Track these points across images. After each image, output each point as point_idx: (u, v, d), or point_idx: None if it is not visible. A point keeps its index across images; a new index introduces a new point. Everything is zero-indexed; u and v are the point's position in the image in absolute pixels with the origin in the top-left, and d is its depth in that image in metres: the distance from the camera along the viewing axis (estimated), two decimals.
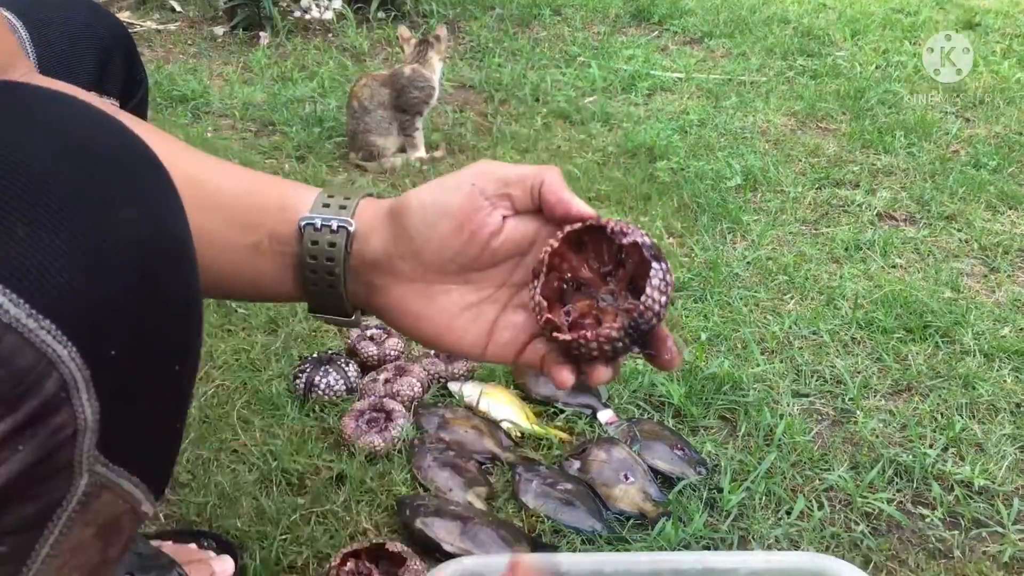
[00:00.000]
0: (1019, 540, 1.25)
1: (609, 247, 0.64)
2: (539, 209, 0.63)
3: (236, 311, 1.69)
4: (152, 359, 0.50)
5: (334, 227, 0.63)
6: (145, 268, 0.47)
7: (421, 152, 2.43)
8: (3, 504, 0.45)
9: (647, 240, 0.62)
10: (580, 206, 0.62)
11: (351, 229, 0.63)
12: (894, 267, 1.97)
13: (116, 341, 0.46)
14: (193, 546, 1.13)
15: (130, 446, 0.50)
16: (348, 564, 1.11)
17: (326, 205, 0.64)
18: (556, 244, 0.62)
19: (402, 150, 2.43)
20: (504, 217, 0.63)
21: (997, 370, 1.60)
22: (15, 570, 0.47)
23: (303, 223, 0.63)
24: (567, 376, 0.62)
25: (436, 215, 0.62)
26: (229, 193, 0.64)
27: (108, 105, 0.66)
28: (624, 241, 0.62)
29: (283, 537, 1.19)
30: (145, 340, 0.48)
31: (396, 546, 1.14)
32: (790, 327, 1.72)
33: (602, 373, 0.61)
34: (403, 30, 2.52)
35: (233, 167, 0.67)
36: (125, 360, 0.47)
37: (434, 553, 1.19)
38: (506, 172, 0.62)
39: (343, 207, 0.63)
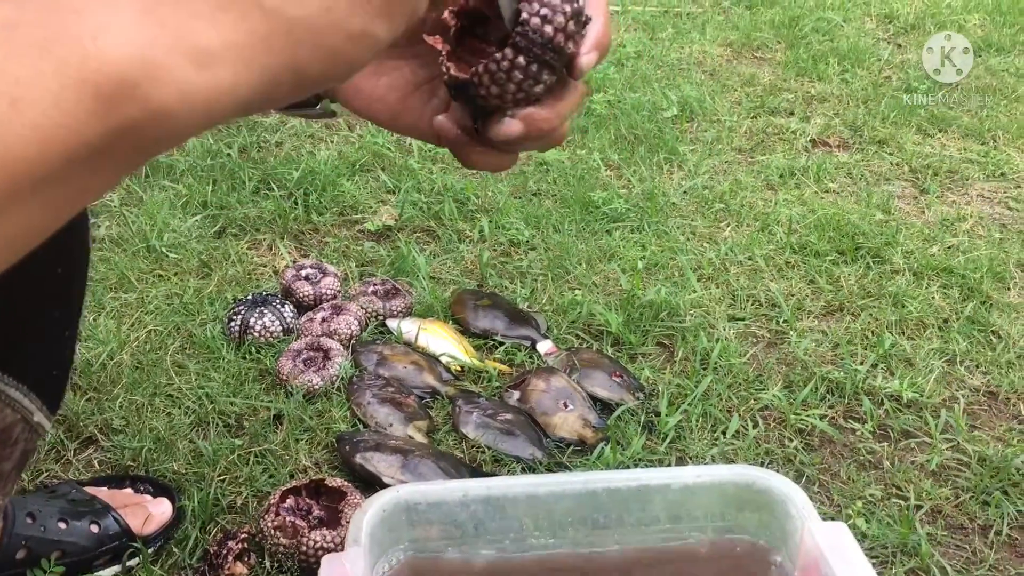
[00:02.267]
0: (946, 449, 1.29)
1: None
2: None
3: (167, 256, 1.65)
4: (29, 259, 0.48)
5: None
6: None
7: None
8: None
9: None
10: None
11: None
12: (827, 192, 1.99)
13: None
14: (129, 490, 1.12)
15: (13, 351, 0.48)
16: (288, 501, 1.11)
17: None
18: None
19: None
20: None
21: (926, 287, 1.63)
22: None
23: None
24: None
25: None
26: None
27: None
28: None
29: (221, 478, 1.18)
30: None
31: (336, 481, 1.14)
32: (726, 253, 1.73)
33: (510, 124, 0.51)
34: None
35: None
36: None
37: (375, 487, 1.19)
38: None
39: None
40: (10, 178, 0.29)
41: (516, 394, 1.37)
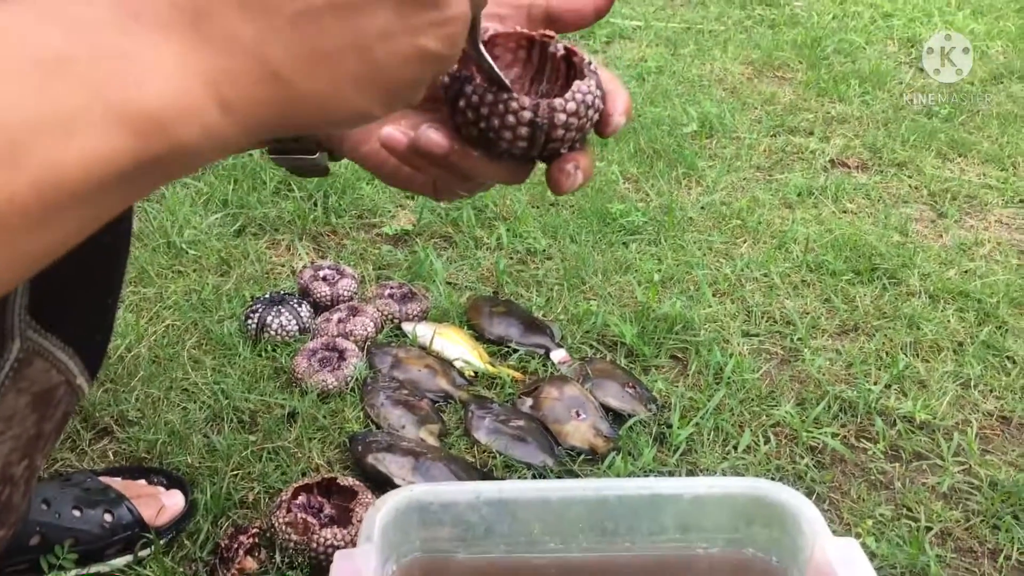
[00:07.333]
0: (958, 472, 1.28)
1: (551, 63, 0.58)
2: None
3: (187, 252, 1.67)
4: None
5: None
6: None
7: None
8: None
9: (586, 57, 0.55)
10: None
11: None
12: (845, 212, 1.99)
13: None
14: (143, 482, 1.13)
15: (61, 313, 0.50)
16: (299, 498, 1.11)
17: None
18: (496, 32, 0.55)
19: None
20: None
21: (941, 310, 1.63)
22: None
23: None
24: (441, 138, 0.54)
25: None
26: None
27: None
28: (557, 52, 0.55)
29: (234, 473, 1.19)
30: None
31: (347, 480, 1.14)
32: (742, 270, 1.73)
33: (575, 175, 0.55)
34: None
35: None
36: None
37: (386, 488, 1.19)
38: None
39: None
40: (58, 195, 0.33)
41: (529, 401, 1.37)
